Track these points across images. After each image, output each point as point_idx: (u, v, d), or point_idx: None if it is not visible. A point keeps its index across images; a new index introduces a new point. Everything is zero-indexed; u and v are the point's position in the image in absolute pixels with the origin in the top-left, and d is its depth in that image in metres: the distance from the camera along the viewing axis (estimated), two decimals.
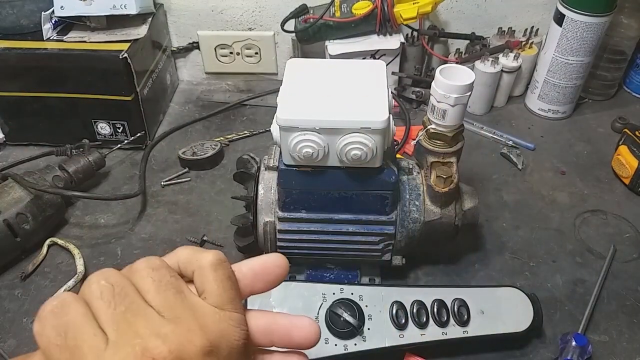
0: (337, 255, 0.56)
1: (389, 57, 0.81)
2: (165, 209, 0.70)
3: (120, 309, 0.26)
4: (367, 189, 0.50)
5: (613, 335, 0.56)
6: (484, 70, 0.80)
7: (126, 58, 0.70)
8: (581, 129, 0.84)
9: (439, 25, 0.89)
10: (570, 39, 0.76)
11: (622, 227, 0.68)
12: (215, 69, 0.93)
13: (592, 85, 0.88)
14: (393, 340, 0.49)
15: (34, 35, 0.72)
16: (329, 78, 0.49)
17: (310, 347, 0.33)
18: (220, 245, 0.64)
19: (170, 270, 0.29)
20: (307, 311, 0.50)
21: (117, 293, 0.26)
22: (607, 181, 0.74)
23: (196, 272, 0.29)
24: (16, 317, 0.57)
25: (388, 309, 0.51)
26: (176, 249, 0.31)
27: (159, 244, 0.65)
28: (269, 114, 0.84)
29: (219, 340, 0.27)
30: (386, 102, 0.46)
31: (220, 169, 0.76)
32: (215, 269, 0.29)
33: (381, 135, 0.45)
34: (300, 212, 0.53)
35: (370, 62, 0.52)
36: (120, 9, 0.72)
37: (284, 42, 0.90)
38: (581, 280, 0.61)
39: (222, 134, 0.81)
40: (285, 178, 0.50)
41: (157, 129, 0.83)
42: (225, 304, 0.28)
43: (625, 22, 0.81)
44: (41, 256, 0.62)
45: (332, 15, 0.78)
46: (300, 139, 0.45)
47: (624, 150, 0.72)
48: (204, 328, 0.27)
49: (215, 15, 0.87)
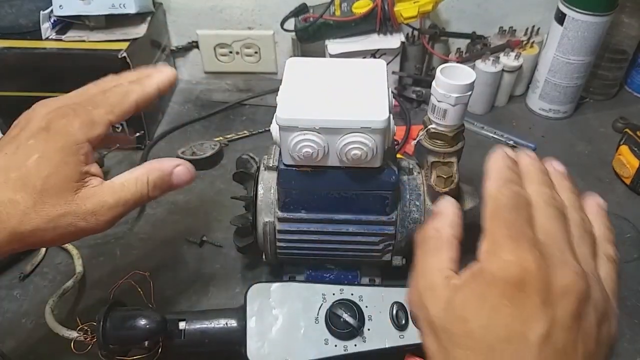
0: (337, 256, 0.56)
1: (390, 57, 0.81)
2: (165, 209, 0.70)
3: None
4: (367, 189, 0.50)
5: None
6: (484, 70, 0.80)
7: (125, 57, 0.69)
8: (582, 129, 0.83)
9: (440, 24, 0.88)
10: (571, 39, 0.76)
11: (623, 227, 0.67)
12: (215, 69, 0.93)
13: (593, 84, 0.87)
14: (393, 341, 0.49)
15: (33, 34, 0.72)
16: (329, 77, 0.49)
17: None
18: (219, 246, 0.64)
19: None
20: (307, 311, 0.50)
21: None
22: (608, 181, 0.74)
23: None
24: (15, 318, 0.57)
25: (388, 310, 0.50)
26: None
27: (158, 245, 0.65)
28: (269, 113, 0.84)
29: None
30: (386, 102, 0.46)
31: (219, 169, 0.76)
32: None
33: (381, 135, 0.45)
34: (300, 212, 0.52)
35: (371, 61, 0.52)
36: (119, 8, 0.72)
37: (284, 42, 0.89)
38: None
39: (222, 134, 0.81)
40: (285, 178, 0.50)
41: (156, 129, 0.83)
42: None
43: (626, 22, 0.81)
44: (40, 256, 0.62)
45: (332, 14, 0.78)
46: (300, 138, 0.45)
47: (625, 150, 0.72)
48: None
49: (214, 15, 0.87)
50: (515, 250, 0.27)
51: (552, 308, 0.26)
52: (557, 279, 0.27)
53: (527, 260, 0.27)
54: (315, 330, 0.49)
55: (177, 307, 0.58)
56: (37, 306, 0.56)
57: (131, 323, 0.47)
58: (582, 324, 0.27)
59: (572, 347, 0.26)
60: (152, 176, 0.42)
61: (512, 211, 0.29)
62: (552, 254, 0.28)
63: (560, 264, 0.27)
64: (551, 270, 0.27)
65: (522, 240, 0.28)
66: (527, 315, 0.26)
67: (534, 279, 0.26)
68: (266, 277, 0.61)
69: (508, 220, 0.29)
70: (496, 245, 0.28)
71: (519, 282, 0.26)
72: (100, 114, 0.40)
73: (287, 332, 0.49)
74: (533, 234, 0.28)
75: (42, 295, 0.58)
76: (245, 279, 0.61)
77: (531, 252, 0.27)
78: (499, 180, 0.31)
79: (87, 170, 0.39)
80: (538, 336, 0.26)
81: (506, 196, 0.30)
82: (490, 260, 0.28)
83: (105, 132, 0.40)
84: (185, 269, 0.62)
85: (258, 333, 0.49)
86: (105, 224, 0.39)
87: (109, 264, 0.62)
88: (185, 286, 0.60)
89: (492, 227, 0.29)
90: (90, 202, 0.38)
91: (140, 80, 0.43)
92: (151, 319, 0.47)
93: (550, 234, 0.29)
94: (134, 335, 0.48)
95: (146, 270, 0.56)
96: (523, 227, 0.28)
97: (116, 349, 0.48)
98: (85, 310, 0.57)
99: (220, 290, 0.60)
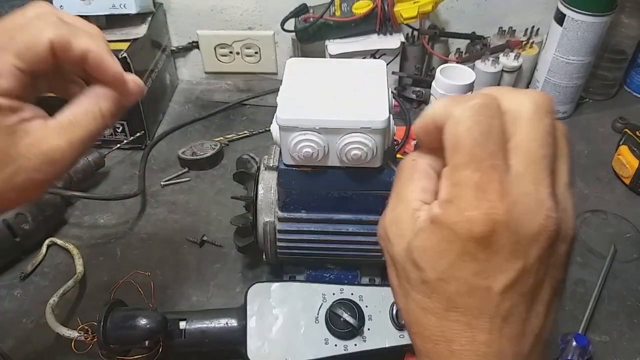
0: (337, 256, 0.56)
1: (389, 57, 0.81)
2: (165, 209, 0.70)
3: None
4: (367, 189, 0.50)
5: (614, 335, 0.56)
6: (484, 70, 0.80)
7: (125, 57, 0.69)
8: (582, 129, 0.84)
9: (440, 24, 0.89)
10: (571, 39, 0.76)
11: (622, 227, 0.67)
12: (215, 69, 0.93)
13: (592, 85, 0.87)
14: (393, 340, 0.49)
15: None
16: (329, 78, 0.49)
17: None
18: (220, 246, 0.64)
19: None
20: (307, 311, 0.50)
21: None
22: (607, 181, 0.74)
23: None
24: (15, 317, 0.57)
25: (388, 309, 0.50)
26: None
27: (158, 244, 0.65)
28: (269, 113, 0.84)
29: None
30: (386, 102, 0.46)
31: (220, 169, 0.76)
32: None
33: (381, 135, 0.45)
34: (300, 212, 0.52)
35: (371, 61, 0.52)
36: (119, 9, 0.72)
37: (284, 42, 0.90)
38: (582, 280, 0.61)
39: (222, 134, 0.81)
40: (285, 178, 0.50)
41: (157, 129, 0.83)
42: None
43: (626, 22, 0.81)
44: (40, 256, 0.62)
45: (332, 15, 0.78)
46: (300, 138, 0.45)
47: (625, 150, 0.72)
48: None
49: (215, 15, 0.87)
50: (481, 203, 0.23)
51: (521, 258, 0.23)
52: (528, 225, 0.23)
53: (495, 214, 0.23)
54: (316, 329, 0.49)
55: (178, 306, 0.58)
56: (37, 306, 0.56)
57: (132, 323, 0.48)
58: (551, 261, 0.24)
59: (540, 286, 0.25)
60: (104, 105, 0.35)
61: (480, 139, 0.23)
62: (526, 193, 0.23)
63: (534, 206, 0.23)
64: (522, 218, 0.23)
65: (491, 187, 0.23)
66: (492, 269, 0.24)
67: (501, 232, 0.23)
68: (266, 277, 0.61)
69: (475, 155, 0.23)
70: (458, 195, 0.23)
71: (483, 239, 0.23)
72: (4, 61, 0.32)
73: (288, 331, 0.49)
74: (506, 170, 0.23)
75: (42, 295, 0.58)
76: (246, 279, 0.61)
77: (501, 202, 0.23)
78: (464, 97, 0.25)
79: (17, 120, 0.32)
80: (503, 286, 0.24)
81: (473, 112, 0.24)
82: (449, 213, 0.24)
83: (18, 84, 0.32)
84: (185, 269, 0.62)
85: (258, 333, 0.49)
86: (65, 168, 0.34)
87: (110, 263, 0.63)
88: (185, 286, 0.60)
89: (454, 163, 0.24)
90: (38, 150, 0.33)
91: (74, 31, 0.33)
92: (151, 319, 0.48)
93: (530, 159, 0.24)
94: (134, 335, 0.48)
95: (146, 270, 0.56)
96: (494, 165, 0.23)
97: (117, 348, 0.48)
98: (86, 310, 0.57)
99: (221, 290, 0.60)
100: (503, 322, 0.24)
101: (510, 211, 0.23)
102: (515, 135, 0.24)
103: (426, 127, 0.26)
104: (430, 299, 0.25)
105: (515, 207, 0.23)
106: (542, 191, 0.24)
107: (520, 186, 0.23)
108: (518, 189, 0.23)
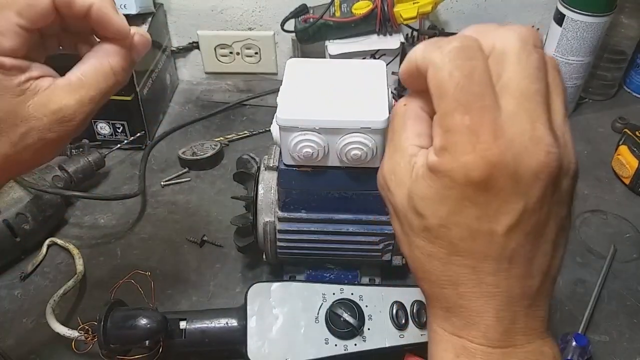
0: (337, 256, 0.56)
1: (389, 57, 0.81)
2: (165, 209, 0.70)
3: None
4: (367, 189, 0.50)
5: (613, 335, 0.56)
6: None
7: None
8: (581, 129, 0.84)
9: (439, 25, 0.89)
10: (570, 39, 0.76)
11: (622, 227, 0.67)
12: (215, 69, 0.93)
13: (592, 85, 0.88)
14: (393, 340, 0.49)
15: None
16: (329, 78, 0.49)
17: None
18: (220, 246, 0.64)
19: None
20: (307, 311, 0.50)
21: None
22: (607, 181, 0.74)
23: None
24: (16, 317, 0.57)
25: (388, 309, 0.51)
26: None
27: (158, 244, 0.65)
28: (269, 114, 0.84)
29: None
30: (386, 102, 0.46)
31: (220, 169, 0.76)
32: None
33: (381, 135, 0.45)
34: (300, 212, 0.53)
35: (370, 62, 0.52)
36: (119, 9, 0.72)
37: (284, 42, 0.90)
38: (581, 280, 0.61)
39: (222, 134, 0.81)
40: (285, 178, 0.50)
41: (157, 129, 0.83)
42: None
43: (625, 22, 0.81)
44: (41, 256, 0.62)
45: (332, 15, 0.78)
46: (300, 139, 0.45)
47: (624, 150, 0.72)
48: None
49: (215, 15, 0.87)
50: (475, 146, 0.22)
51: (522, 197, 0.23)
52: (527, 163, 0.23)
53: (490, 155, 0.22)
54: (316, 329, 0.49)
55: (178, 306, 0.58)
56: (37, 306, 0.56)
57: (132, 322, 0.48)
58: (555, 198, 0.24)
59: (544, 224, 0.24)
60: (114, 62, 0.35)
61: (464, 82, 0.23)
62: (521, 131, 0.23)
63: (532, 144, 0.23)
64: (520, 157, 0.23)
65: (483, 129, 0.22)
66: (493, 211, 0.23)
67: (499, 174, 0.22)
68: (266, 276, 0.61)
69: (461, 99, 0.23)
70: (451, 141, 0.23)
71: (481, 182, 0.23)
72: (5, 20, 0.31)
73: (288, 331, 0.49)
74: (497, 109, 0.23)
75: (42, 294, 0.58)
76: (246, 279, 0.61)
77: (495, 144, 0.22)
78: (442, 40, 0.24)
79: (25, 78, 0.32)
80: (506, 228, 0.24)
81: (452, 57, 0.23)
82: (445, 160, 0.23)
83: (23, 43, 0.32)
84: (185, 269, 0.62)
85: (258, 332, 0.49)
86: (77, 127, 0.34)
87: (110, 263, 0.63)
88: (185, 286, 0.60)
89: (442, 110, 0.23)
90: (48, 110, 0.32)
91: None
92: (152, 319, 0.48)
93: (522, 97, 0.23)
94: (134, 334, 0.48)
95: (147, 270, 0.56)
96: (483, 106, 0.22)
97: (117, 348, 0.48)
98: (86, 310, 0.57)
99: (221, 290, 0.60)
100: (509, 264, 0.24)
101: (506, 151, 0.22)
102: (504, 74, 0.24)
103: (410, 72, 0.26)
104: (433, 245, 0.25)
105: (511, 147, 0.22)
106: (539, 128, 0.23)
107: (514, 125, 0.23)
108: (513, 128, 0.23)
